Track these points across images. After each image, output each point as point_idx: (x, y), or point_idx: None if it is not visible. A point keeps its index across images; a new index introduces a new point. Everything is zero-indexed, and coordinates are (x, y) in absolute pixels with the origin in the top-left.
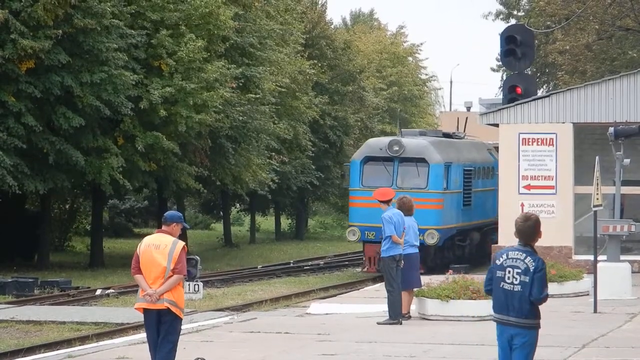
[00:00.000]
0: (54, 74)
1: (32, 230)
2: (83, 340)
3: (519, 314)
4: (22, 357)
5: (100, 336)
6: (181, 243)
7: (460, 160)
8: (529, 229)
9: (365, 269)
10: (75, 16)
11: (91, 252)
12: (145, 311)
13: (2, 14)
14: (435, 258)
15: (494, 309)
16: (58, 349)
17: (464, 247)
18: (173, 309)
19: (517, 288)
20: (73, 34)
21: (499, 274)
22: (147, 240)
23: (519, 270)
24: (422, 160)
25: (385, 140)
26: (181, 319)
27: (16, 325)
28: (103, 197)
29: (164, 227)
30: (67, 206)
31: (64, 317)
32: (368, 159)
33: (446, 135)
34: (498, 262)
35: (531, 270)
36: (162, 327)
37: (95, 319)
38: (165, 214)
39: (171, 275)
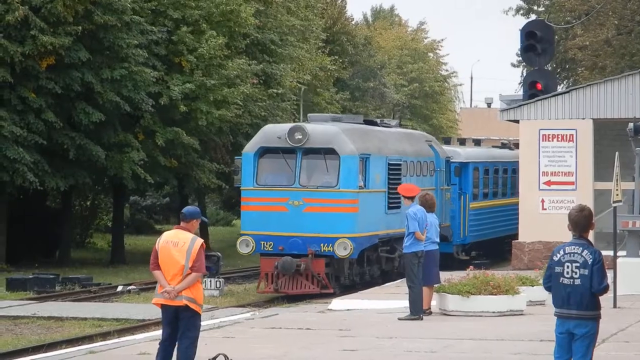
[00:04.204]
0: (74, 70)
1: (54, 227)
2: (104, 336)
3: (580, 307)
4: (44, 352)
5: (121, 332)
6: (200, 240)
7: (384, 152)
8: (584, 219)
9: (262, 288)
10: (95, 12)
11: (112, 248)
12: (163, 307)
13: (22, 10)
14: (352, 273)
15: (555, 304)
16: (80, 345)
17: (392, 260)
18: (192, 305)
19: (577, 282)
20: (93, 31)
21: (558, 269)
22: (165, 236)
23: (578, 264)
24: (332, 152)
25: (285, 127)
26: (200, 315)
27: (38, 322)
28: (124, 193)
29: (182, 224)
30: (88, 203)
31: (85, 313)
32: (264, 151)
33: (369, 122)
34: (555, 258)
35: (589, 263)
36: (181, 324)
37: (117, 315)
38: (183, 210)
39: (189, 273)
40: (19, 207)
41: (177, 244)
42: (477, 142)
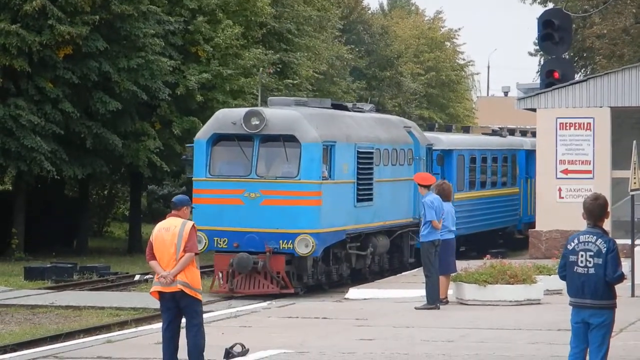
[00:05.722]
0: (91, 59)
1: (71, 216)
2: (122, 325)
3: (595, 296)
4: (62, 342)
5: (139, 321)
6: (190, 223)
7: (353, 139)
8: (599, 207)
9: (216, 288)
10: (112, 2)
11: (129, 237)
12: (161, 294)
13: (40, 0)
14: (316, 272)
15: (569, 293)
16: (97, 334)
17: (365, 257)
18: (187, 290)
19: (592, 271)
20: (110, 20)
21: (572, 258)
22: (158, 226)
23: (592, 253)
24: (292, 139)
25: (240, 111)
26: (200, 301)
27: (55, 311)
28: (141, 182)
29: (173, 212)
30: (105, 192)
31: (102, 302)
32: (218, 138)
33: (338, 107)
34: (570, 247)
35: (604, 252)
36: (185, 314)
37: (134, 304)
38: (173, 199)
39: (182, 255)
40: (37, 197)
41: (168, 229)
42: (466, 129)
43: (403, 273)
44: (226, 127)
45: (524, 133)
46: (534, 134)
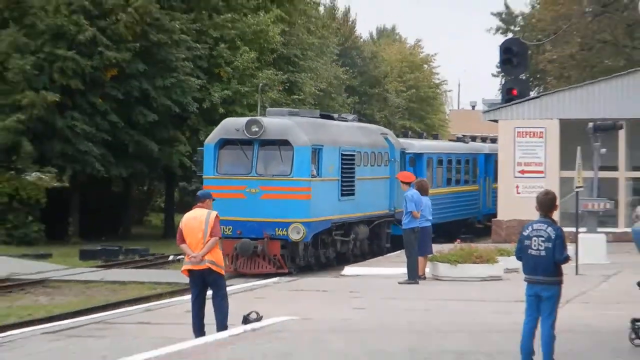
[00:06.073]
0: (133, 79)
1: (117, 208)
2: (158, 297)
3: (546, 274)
4: (110, 310)
5: (172, 294)
6: (214, 212)
7: (338, 143)
8: (549, 201)
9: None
10: (150, 32)
11: (165, 225)
12: (191, 272)
13: (91, 31)
14: (307, 255)
15: (525, 271)
16: (138, 304)
17: (348, 242)
18: (214, 267)
19: (543, 253)
20: (148, 47)
21: (527, 242)
22: (187, 215)
23: (543, 239)
24: (286, 143)
25: (242, 120)
26: (223, 275)
27: (105, 285)
28: (174, 180)
29: (199, 204)
30: (144, 188)
31: (143, 278)
32: (224, 142)
33: (325, 116)
34: (525, 233)
35: (553, 238)
36: (211, 286)
37: (168, 279)
38: (198, 193)
39: (209, 239)
40: (89, 192)
41: (196, 218)
42: (435, 137)
43: (387, 254)
44: (231, 133)
45: (484, 139)
46: (492, 141)
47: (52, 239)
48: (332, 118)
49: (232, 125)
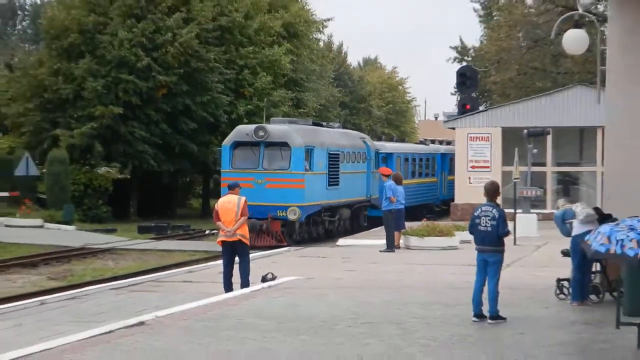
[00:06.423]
0: (178, 97)
1: (166, 194)
2: (197, 261)
3: (491, 244)
4: (160, 272)
5: (208, 259)
6: (243, 197)
7: (326, 145)
8: (494, 189)
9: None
10: (191, 61)
11: (202, 207)
12: (224, 243)
13: (147, 60)
14: (301, 232)
15: (476, 242)
16: (182, 267)
17: (334, 222)
18: (243, 240)
19: (489, 229)
20: (190, 72)
21: (477, 221)
22: (222, 199)
23: (489, 218)
24: (285, 144)
25: (251, 127)
26: (248, 245)
27: (157, 253)
28: (210, 173)
29: (230, 191)
30: (187, 179)
31: (186, 247)
32: (237, 144)
33: (316, 124)
34: (475, 214)
35: (497, 217)
36: (238, 254)
37: (205, 248)
38: (229, 183)
39: (239, 218)
40: (145, 183)
41: (230, 201)
42: (402, 140)
43: (371, 230)
44: (242, 137)
45: (441, 142)
46: (447, 143)
47: (117, 217)
48: (322, 125)
49: (243, 130)
